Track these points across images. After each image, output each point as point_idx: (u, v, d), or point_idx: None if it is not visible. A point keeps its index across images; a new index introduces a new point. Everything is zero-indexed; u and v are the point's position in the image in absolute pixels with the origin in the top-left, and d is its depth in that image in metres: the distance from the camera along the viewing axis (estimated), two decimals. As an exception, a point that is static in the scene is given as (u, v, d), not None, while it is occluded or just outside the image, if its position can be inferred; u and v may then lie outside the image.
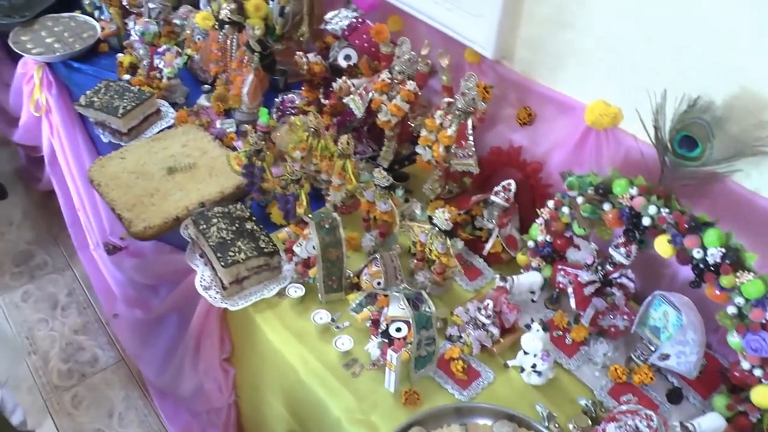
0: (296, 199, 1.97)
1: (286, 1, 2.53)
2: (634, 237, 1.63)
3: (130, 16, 2.78)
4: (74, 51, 2.80)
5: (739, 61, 1.51)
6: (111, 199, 2.13)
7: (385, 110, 2.08)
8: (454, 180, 2.12)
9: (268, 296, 1.88)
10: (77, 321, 3.30)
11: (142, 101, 2.42)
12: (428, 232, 1.82)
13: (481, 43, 2.07)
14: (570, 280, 1.78)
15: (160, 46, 2.63)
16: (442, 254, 1.79)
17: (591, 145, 1.89)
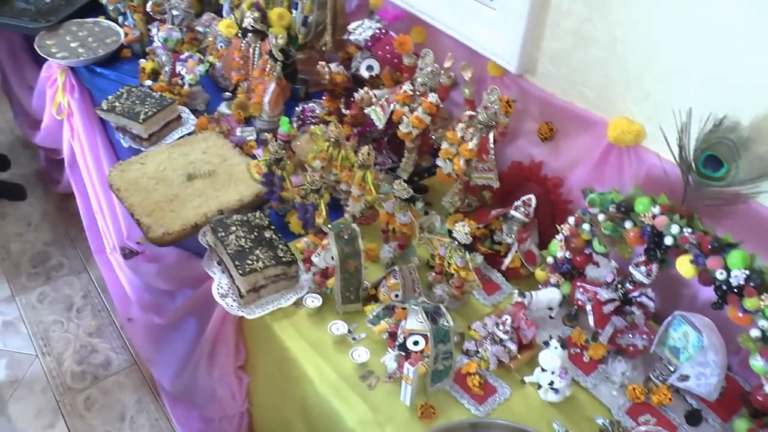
0: (315, 208, 1.97)
1: (310, 11, 2.54)
2: (656, 256, 1.62)
3: (154, 22, 2.80)
4: (97, 56, 2.83)
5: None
6: (130, 204, 2.14)
7: (406, 122, 2.08)
8: (473, 193, 2.11)
9: (285, 305, 1.88)
10: (92, 323, 3.32)
11: (164, 107, 2.43)
12: (448, 245, 1.82)
13: (504, 56, 2.07)
14: (589, 297, 1.77)
15: (182, 52, 2.64)
16: (461, 268, 1.79)
17: (613, 162, 1.88)
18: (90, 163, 2.83)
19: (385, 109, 2.14)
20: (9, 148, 4.32)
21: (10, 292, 3.47)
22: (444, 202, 2.14)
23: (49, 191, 4.01)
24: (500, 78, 2.15)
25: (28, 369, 3.11)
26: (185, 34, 2.76)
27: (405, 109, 2.10)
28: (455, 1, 2.19)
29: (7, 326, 3.30)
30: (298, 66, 2.49)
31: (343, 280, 1.81)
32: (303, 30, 2.59)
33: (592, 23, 1.83)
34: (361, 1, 2.65)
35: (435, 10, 2.28)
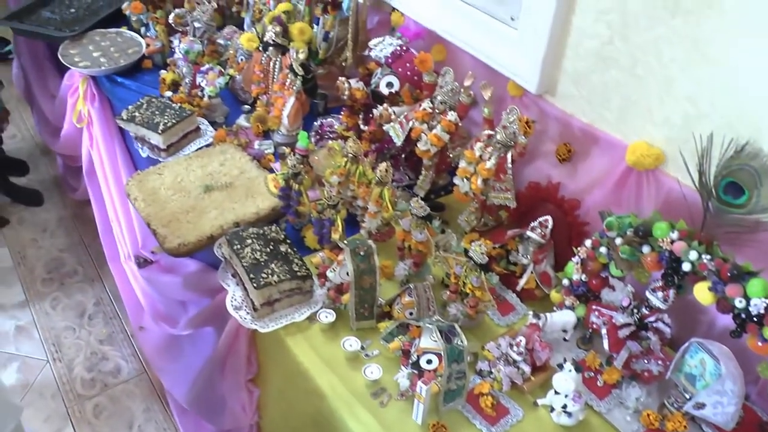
0: (332, 224, 1.97)
1: (331, 26, 2.56)
2: (673, 282, 1.61)
3: (176, 34, 2.82)
4: (119, 66, 2.86)
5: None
6: (147, 214, 2.15)
7: (424, 140, 2.09)
8: (490, 213, 2.11)
9: (299, 320, 1.87)
10: (103, 331, 3.33)
11: (183, 118, 2.45)
12: (463, 264, 1.81)
13: (524, 76, 2.07)
14: (604, 321, 1.76)
15: (203, 64, 2.66)
16: (476, 288, 1.78)
17: (631, 186, 1.87)
18: (108, 171, 2.85)
19: (403, 126, 2.14)
20: (28, 154, 4.36)
21: (25, 297, 3.49)
22: (460, 220, 2.14)
23: (65, 198, 4.04)
24: (519, 98, 2.15)
25: (38, 374, 3.12)
26: (206, 47, 2.78)
27: (424, 126, 2.10)
28: (476, 20, 2.20)
29: (20, 331, 3.31)
30: (318, 81, 2.50)
31: (358, 297, 1.81)
32: (324, 45, 2.60)
33: (613, 45, 1.83)
34: (382, 18, 2.66)
35: (456, 29, 2.29)
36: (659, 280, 1.65)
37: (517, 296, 1.99)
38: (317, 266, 1.96)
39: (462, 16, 2.25)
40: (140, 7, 2.98)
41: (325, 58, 2.65)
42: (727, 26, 1.55)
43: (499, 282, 1.96)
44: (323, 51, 2.62)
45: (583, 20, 1.89)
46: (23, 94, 3.95)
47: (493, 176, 1.96)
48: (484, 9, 2.18)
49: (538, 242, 1.92)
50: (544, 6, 1.92)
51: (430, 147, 2.09)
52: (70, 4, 3.28)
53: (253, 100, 2.62)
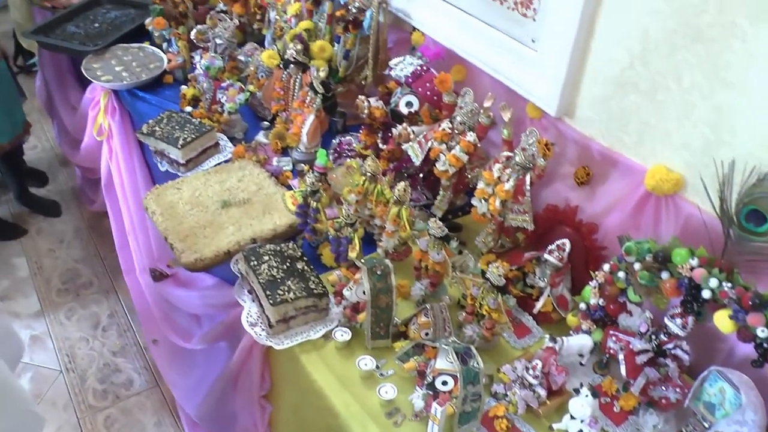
0: (349, 242, 1.97)
1: (352, 45, 2.58)
2: (692, 309, 1.59)
3: (197, 50, 2.86)
4: (140, 80, 2.89)
5: (813, 137, 1.49)
6: (164, 228, 2.16)
7: (443, 160, 2.09)
8: (507, 235, 2.10)
9: (314, 338, 1.87)
10: (116, 343, 3.34)
11: (202, 134, 2.47)
12: (480, 286, 1.81)
13: (544, 98, 2.07)
14: (621, 346, 1.74)
15: (223, 80, 2.69)
16: (493, 310, 1.77)
17: (650, 211, 1.86)
18: (126, 184, 2.88)
19: (422, 145, 2.15)
20: (48, 165, 4.41)
21: (40, 307, 3.51)
22: (477, 241, 2.14)
23: (83, 209, 4.08)
24: (539, 120, 2.15)
25: (51, 384, 3.13)
26: (227, 63, 2.81)
27: (443, 146, 2.10)
28: (497, 41, 2.21)
29: (34, 341, 3.33)
30: (338, 99, 2.52)
31: (374, 316, 1.80)
32: (344, 63, 2.62)
33: (633, 70, 1.83)
34: (403, 37, 2.68)
35: (476, 49, 2.30)
36: (678, 307, 1.63)
37: (533, 319, 1.98)
38: (333, 284, 1.96)
39: (482, 36, 2.26)
40: (163, 23, 3.01)
41: (345, 77, 2.66)
42: (749, 53, 1.54)
43: (516, 304, 1.95)
44: (343, 69, 2.63)
45: (603, 45, 1.89)
46: (45, 106, 4.00)
47: (512, 198, 1.96)
48: (504, 30, 2.19)
49: (555, 265, 1.91)
50: (565, 29, 1.93)
51: (449, 167, 2.09)
52: (94, 19, 3.34)
53: (273, 117, 2.63)
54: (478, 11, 2.27)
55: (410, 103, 2.27)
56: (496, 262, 1.80)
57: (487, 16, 2.24)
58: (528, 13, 2.08)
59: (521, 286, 2.00)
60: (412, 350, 1.73)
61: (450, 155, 2.08)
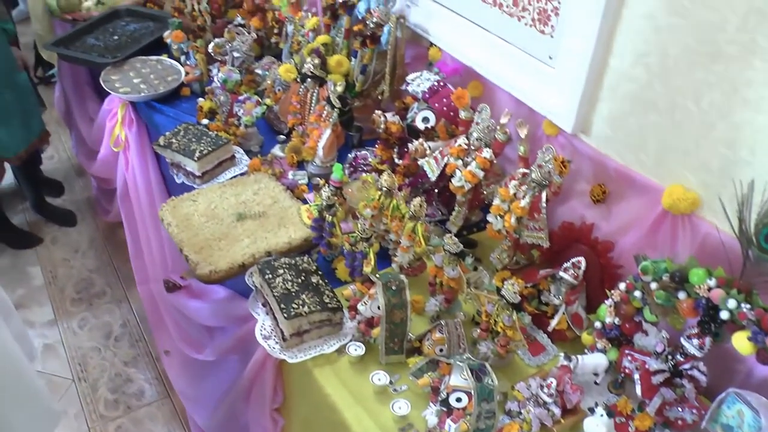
0: (364, 257, 1.97)
1: (369, 60, 2.59)
2: (710, 329, 1.58)
3: (215, 63, 2.88)
4: (158, 93, 2.91)
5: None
6: (179, 240, 2.16)
7: (459, 176, 2.09)
8: (522, 251, 2.10)
9: (328, 352, 1.87)
10: (128, 353, 3.35)
11: (219, 147, 2.48)
12: (495, 303, 1.80)
13: (560, 115, 2.07)
14: (637, 366, 1.73)
15: (240, 94, 2.71)
16: (508, 327, 1.77)
17: (666, 230, 1.85)
18: (141, 195, 2.89)
19: (438, 161, 2.15)
20: (64, 175, 4.45)
21: (54, 316, 3.53)
22: (492, 258, 2.13)
23: (98, 220, 4.10)
24: (555, 137, 2.15)
25: (63, 393, 3.14)
26: (244, 76, 2.83)
27: (459, 162, 2.11)
28: (514, 58, 2.21)
29: (47, 349, 3.35)
30: (354, 113, 2.52)
31: (389, 331, 1.80)
32: (361, 78, 2.63)
33: (652, 88, 1.82)
34: (420, 53, 2.69)
35: (493, 65, 2.30)
36: (695, 327, 1.62)
37: (548, 337, 1.97)
38: (348, 299, 1.96)
39: (500, 53, 2.27)
40: (181, 36, 3.04)
41: (361, 91, 2.67)
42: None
43: (531, 322, 1.94)
44: (360, 84, 2.64)
45: (621, 62, 1.89)
46: (63, 116, 4.04)
47: (527, 215, 1.96)
48: (522, 47, 2.19)
49: (570, 283, 1.90)
50: (582, 47, 1.93)
51: (465, 183, 2.09)
52: (113, 32, 3.37)
53: (289, 131, 2.65)
54: (496, 27, 2.28)
55: (427, 118, 2.27)
56: (511, 279, 1.80)
57: (505, 32, 2.25)
58: (546, 30, 2.09)
59: (536, 304, 1.99)
60: (426, 366, 1.73)
61: (466, 171, 2.08)
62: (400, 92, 2.56)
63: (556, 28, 2.05)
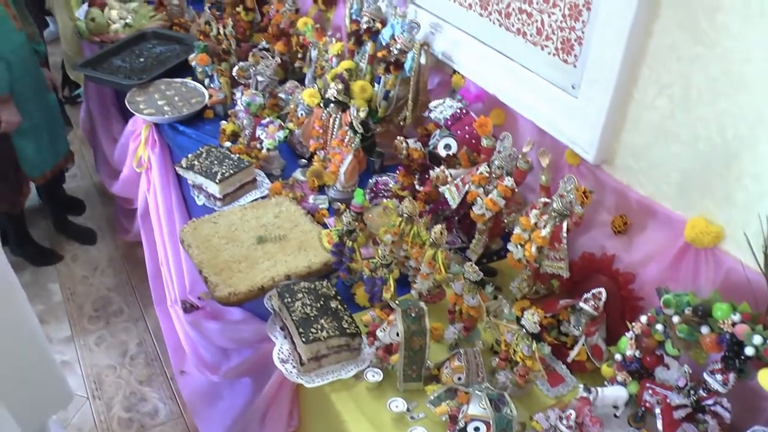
0: (384, 283, 1.97)
1: (392, 86, 2.60)
2: (734, 365, 1.56)
3: (238, 86, 2.91)
4: (181, 115, 2.95)
5: None
6: (199, 261, 2.17)
7: (480, 204, 2.09)
8: (542, 281, 2.09)
9: (345, 377, 1.86)
10: (143, 372, 3.35)
11: (241, 169, 2.50)
12: (515, 332, 1.79)
13: (582, 145, 2.07)
14: (658, 400, 1.71)
15: (263, 117, 2.73)
16: (527, 357, 1.75)
17: (689, 263, 1.84)
18: (162, 216, 2.92)
19: (459, 189, 2.15)
20: (86, 193, 4.49)
21: (71, 333, 3.55)
22: (512, 287, 2.12)
23: (117, 238, 4.13)
24: (577, 166, 2.15)
25: (78, 410, 3.14)
26: (267, 100, 2.86)
27: (480, 190, 2.11)
28: (537, 87, 2.22)
29: (63, 366, 3.35)
30: (376, 139, 2.54)
31: (407, 358, 1.79)
32: (384, 104, 2.65)
33: (674, 119, 1.82)
34: (443, 80, 2.70)
35: (516, 94, 2.31)
36: (718, 362, 1.60)
37: (567, 368, 1.95)
38: (367, 324, 1.96)
39: (523, 81, 2.28)
40: (206, 60, 3.08)
41: (384, 117, 2.69)
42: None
43: (550, 352, 1.93)
44: (383, 109, 2.66)
45: (644, 93, 1.89)
46: (87, 136, 4.09)
47: (548, 245, 1.95)
48: (545, 76, 2.20)
49: (590, 314, 1.89)
50: (605, 77, 1.93)
51: (485, 211, 2.09)
52: (140, 54, 3.43)
53: (311, 155, 2.66)
54: (519, 56, 2.29)
55: (449, 145, 2.28)
56: (530, 309, 1.79)
57: (528, 61, 2.26)
58: (569, 60, 2.09)
59: (556, 334, 1.97)
60: (444, 394, 1.71)
61: (487, 199, 2.08)
62: (422, 119, 2.57)
63: (579, 58, 2.06)
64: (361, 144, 2.41)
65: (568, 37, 2.08)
